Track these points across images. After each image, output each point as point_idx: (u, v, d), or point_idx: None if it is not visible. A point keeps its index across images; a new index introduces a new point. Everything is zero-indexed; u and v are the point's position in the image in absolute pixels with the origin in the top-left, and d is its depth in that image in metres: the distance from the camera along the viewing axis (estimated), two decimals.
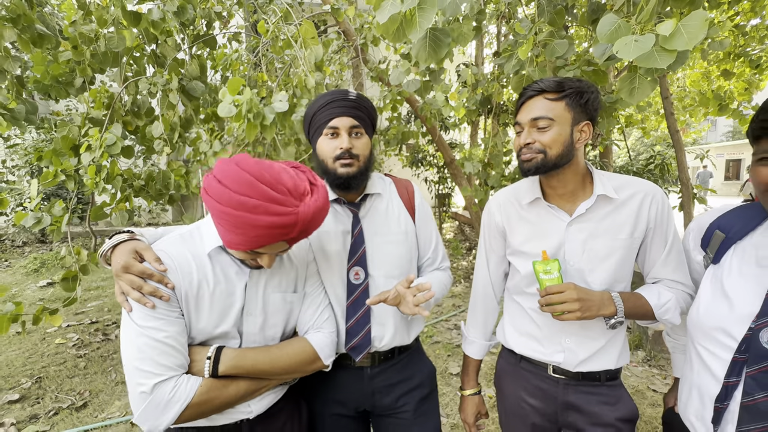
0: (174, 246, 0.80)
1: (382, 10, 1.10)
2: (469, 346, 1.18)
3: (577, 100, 0.89)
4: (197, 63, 2.80)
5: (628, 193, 0.93)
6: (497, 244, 1.09)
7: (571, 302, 0.84)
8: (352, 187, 1.00)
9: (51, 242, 7.33)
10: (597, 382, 0.96)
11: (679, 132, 4.16)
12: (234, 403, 0.79)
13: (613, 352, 0.96)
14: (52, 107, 7.43)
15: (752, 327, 0.71)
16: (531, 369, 1.03)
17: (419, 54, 1.25)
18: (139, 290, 0.73)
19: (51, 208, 2.63)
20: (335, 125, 0.97)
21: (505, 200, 1.07)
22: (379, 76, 3.06)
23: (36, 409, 2.30)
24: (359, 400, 1.04)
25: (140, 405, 0.71)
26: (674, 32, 1.00)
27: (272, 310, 0.87)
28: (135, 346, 0.72)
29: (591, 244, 0.94)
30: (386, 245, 1.05)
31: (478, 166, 2.43)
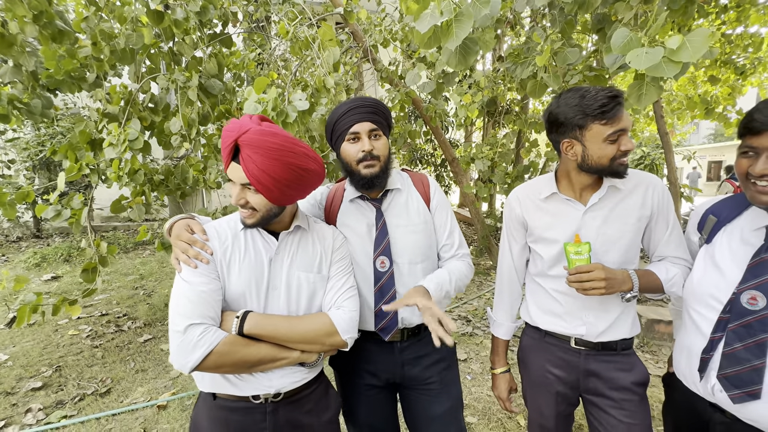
0: (220, 223, 0.98)
1: (422, 21, 1.22)
2: (498, 329, 1.28)
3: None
4: (215, 61, 2.87)
5: (633, 184, 1.06)
6: (519, 234, 1.21)
7: (599, 281, 0.95)
8: (375, 186, 1.11)
9: (49, 237, 7.25)
10: (614, 351, 1.09)
11: (668, 134, 4.38)
12: (253, 363, 0.87)
13: (626, 322, 1.10)
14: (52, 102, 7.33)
15: (735, 292, 0.86)
16: (555, 342, 1.15)
17: (450, 60, 1.37)
18: (186, 254, 0.89)
19: (70, 201, 2.69)
20: (356, 130, 1.07)
21: (524, 195, 1.19)
22: (389, 77, 3.18)
23: (60, 395, 2.37)
24: (390, 371, 1.15)
25: (174, 343, 0.83)
26: (681, 46, 1.15)
27: (295, 287, 0.95)
28: (180, 294, 0.86)
29: (604, 229, 1.06)
30: (408, 235, 1.15)
31: (487, 163, 2.57)
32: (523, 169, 2.95)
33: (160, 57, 2.97)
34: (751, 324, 0.83)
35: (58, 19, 2.67)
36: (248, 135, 0.84)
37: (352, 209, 1.18)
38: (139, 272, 5.05)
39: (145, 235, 2.81)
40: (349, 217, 1.17)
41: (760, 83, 5.64)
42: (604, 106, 0.95)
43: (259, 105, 2.05)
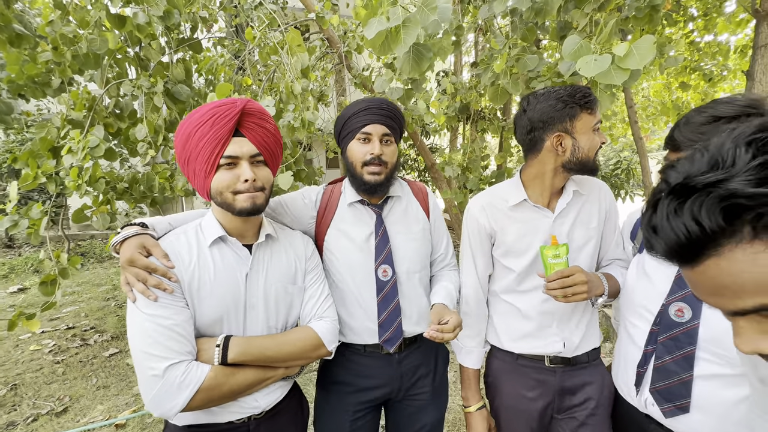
0: (178, 239, 0.85)
1: (370, 27, 1.20)
2: (467, 357, 1.15)
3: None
4: (182, 67, 2.81)
5: (588, 188, 1.07)
6: (485, 247, 1.12)
7: (581, 284, 0.89)
8: (377, 193, 1.07)
9: (19, 247, 7.01)
10: (585, 363, 1.06)
11: (642, 139, 4.46)
12: (242, 391, 0.81)
13: (595, 330, 1.09)
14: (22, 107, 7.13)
15: (664, 303, 0.85)
16: (529, 364, 1.08)
17: (403, 67, 1.35)
18: (143, 282, 0.76)
19: (29, 211, 2.58)
20: (369, 131, 1.03)
21: (488, 204, 1.10)
22: (363, 82, 3.16)
23: (13, 416, 2.25)
24: (390, 384, 1.10)
25: (152, 389, 0.73)
26: (627, 53, 1.15)
27: (273, 302, 0.90)
28: (143, 332, 0.75)
29: (572, 235, 1.04)
30: (408, 242, 1.12)
31: (458, 170, 2.56)
32: (498, 175, 2.95)
33: (126, 62, 2.90)
34: (677, 336, 0.82)
35: (16, 22, 2.58)
36: (250, 104, 0.83)
37: (351, 214, 1.11)
38: (112, 282, 4.90)
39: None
40: (347, 222, 1.11)
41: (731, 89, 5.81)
42: (588, 95, 0.95)
43: None
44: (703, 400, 0.79)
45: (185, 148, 0.82)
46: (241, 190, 0.82)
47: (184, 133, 0.81)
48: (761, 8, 2.70)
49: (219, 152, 0.80)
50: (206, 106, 0.80)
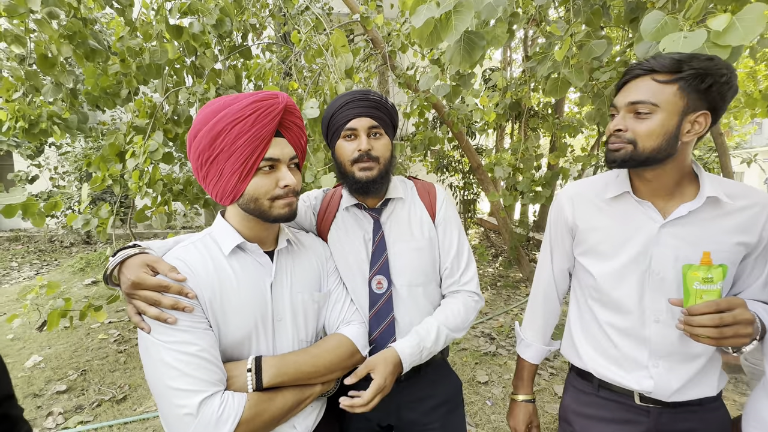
0: (188, 252, 0.75)
1: (418, 15, 1.11)
2: (525, 350, 1.07)
3: (695, 85, 0.73)
4: (233, 73, 2.92)
5: (743, 202, 0.79)
6: (564, 241, 0.99)
7: (745, 324, 0.66)
8: (371, 192, 0.96)
9: (95, 243, 7.79)
10: (696, 406, 0.83)
11: (722, 135, 3.94)
12: (283, 416, 0.74)
13: (712, 376, 0.83)
14: (99, 118, 7.94)
15: None
16: (613, 398, 0.89)
17: (453, 57, 1.25)
18: (156, 306, 0.65)
19: (98, 210, 2.80)
20: (353, 126, 0.92)
21: (579, 193, 0.95)
22: (407, 82, 3.09)
23: (81, 400, 2.43)
24: (383, 416, 1.00)
25: (185, 430, 0.64)
26: (728, 26, 0.96)
27: (301, 312, 0.83)
28: (166, 365, 0.64)
29: (686, 252, 0.79)
30: (409, 252, 0.99)
31: (508, 170, 2.39)
32: (552, 176, 2.73)
33: (183, 71, 3.07)
34: None
35: (91, 39, 2.83)
36: (290, 100, 0.76)
37: (347, 219, 1.02)
38: None
39: None
40: (344, 227, 1.01)
41: None
42: (624, 74, 0.84)
43: None
44: None
45: (213, 145, 0.71)
46: (280, 196, 0.75)
47: (214, 128, 0.70)
48: None
49: (260, 154, 0.72)
50: (244, 99, 0.71)
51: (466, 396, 2.44)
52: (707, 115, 0.76)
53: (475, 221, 7.83)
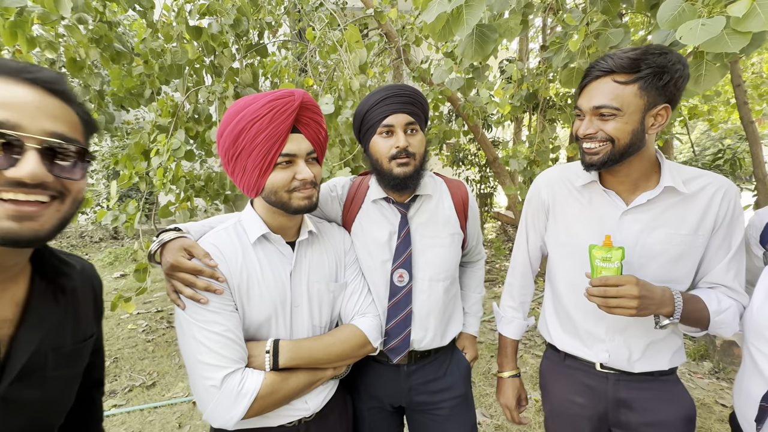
0: (222, 239, 0.81)
1: (429, 11, 1.12)
2: (506, 326, 1.14)
3: (653, 83, 0.77)
4: (250, 71, 2.99)
5: (698, 186, 0.85)
6: (539, 222, 1.05)
7: (630, 298, 0.75)
8: (407, 187, 0.97)
9: (123, 238, 8.12)
10: (650, 377, 0.91)
11: (754, 123, 3.76)
12: (295, 395, 0.80)
13: (665, 351, 0.90)
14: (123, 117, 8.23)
15: None
16: (577, 366, 0.99)
17: (465, 51, 1.26)
18: (191, 287, 0.73)
19: (126, 207, 2.93)
20: (390, 123, 0.94)
21: (556, 179, 1.01)
22: (421, 75, 3.08)
23: (114, 385, 2.58)
24: (395, 396, 1.05)
25: (210, 399, 0.72)
26: (749, 12, 0.93)
27: (317, 301, 0.88)
28: (196, 341, 0.73)
29: (645, 237, 0.87)
30: (434, 248, 1.02)
31: (524, 163, 2.37)
32: None
33: (203, 70, 3.16)
34: None
35: (116, 42, 2.94)
36: (306, 96, 0.79)
37: (374, 211, 1.04)
38: None
39: None
40: (370, 219, 1.03)
41: None
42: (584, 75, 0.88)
43: None
44: None
45: (236, 143, 0.76)
46: (297, 188, 0.79)
47: (235, 128, 0.76)
48: None
49: (277, 150, 0.76)
50: (262, 98, 0.75)
51: (481, 388, 2.46)
52: (668, 107, 0.80)
53: (491, 215, 7.75)
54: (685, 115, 4.78)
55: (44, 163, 0.47)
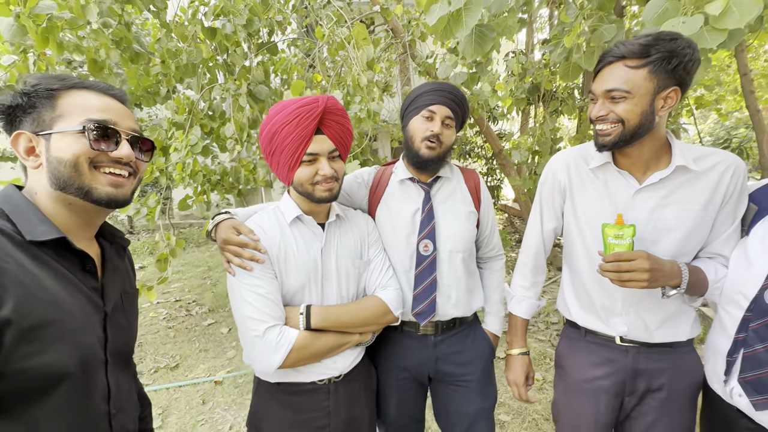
0: (264, 219, 0.97)
1: (431, 13, 1.22)
2: (517, 305, 1.19)
3: (663, 66, 0.81)
4: (262, 69, 3.11)
5: (709, 164, 0.89)
6: (556, 203, 1.09)
7: (641, 271, 0.81)
8: (428, 168, 1.12)
9: (139, 233, 8.38)
10: (669, 347, 0.96)
11: (760, 112, 3.76)
12: (325, 353, 0.93)
13: (684, 323, 0.95)
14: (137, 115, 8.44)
15: (761, 288, 0.76)
16: (598, 341, 1.02)
17: (465, 50, 1.35)
18: (239, 257, 0.89)
19: (147, 200, 3.09)
20: (434, 110, 1.08)
21: (571, 160, 1.05)
22: (427, 70, 3.16)
23: (140, 367, 2.76)
24: (423, 366, 1.15)
25: (254, 348, 0.86)
26: (725, 11, 1.01)
27: (344, 274, 1.00)
28: (244, 300, 0.87)
29: (658, 213, 0.91)
30: (454, 223, 1.15)
31: (527, 154, 2.45)
32: None
33: (216, 69, 3.29)
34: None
35: (135, 43, 3.08)
36: (331, 101, 0.92)
37: (400, 190, 1.18)
38: (207, 264, 5.64)
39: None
40: (395, 198, 1.17)
41: None
42: (598, 61, 0.92)
43: None
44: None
45: (271, 143, 0.92)
46: (319, 182, 0.93)
47: (270, 130, 0.91)
48: None
49: (302, 150, 0.90)
50: (291, 105, 0.89)
51: None
52: (677, 90, 0.84)
53: (499, 207, 7.80)
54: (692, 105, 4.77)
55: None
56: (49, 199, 0.63)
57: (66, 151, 0.61)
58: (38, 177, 0.63)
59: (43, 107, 0.62)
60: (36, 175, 0.63)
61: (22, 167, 0.65)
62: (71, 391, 0.56)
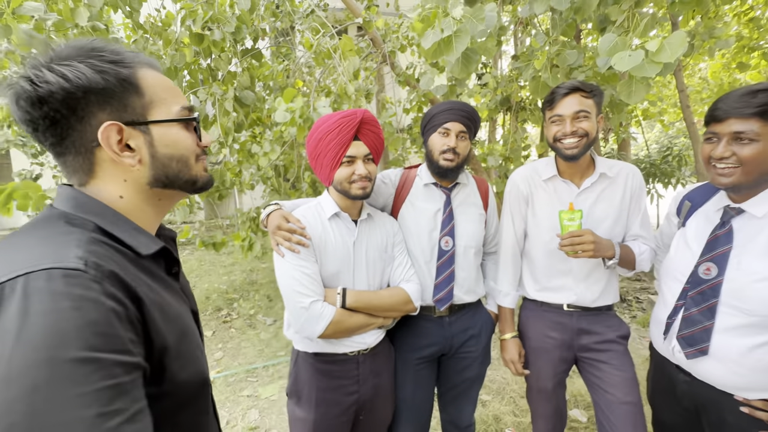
0: (308, 212, 1.14)
1: (426, 38, 1.41)
2: (505, 299, 1.40)
3: (597, 99, 1.17)
4: (248, 75, 3.17)
5: (618, 171, 1.25)
6: (522, 209, 1.37)
7: (588, 243, 1.10)
8: (447, 176, 1.30)
9: None
10: (598, 311, 1.28)
11: (695, 124, 4.29)
12: (355, 329, 1.09)
13: (611, 292, 1.28)
14: None
15: (696, 264, 1.00)
16: (550, 309, 1.32)
17: (454, 69, 1.55)
18: (288, 241, 1.05)
19: None
20: (448, 127, 1.25)
21: (528, 175, 1.36)
22: (407, 80, 3.37)
23: None
24: (441, 343, 1.32)
25: (301, 317, 1.02)
26: (660, 48, 1.27)
27: (372, 266, 1.16)
28: (291, 277, 1.03)
29: (593, 209, 1.24)
30: (468, 222, 1.34)
31: (499, 160, 2.70)
32: None
33: (198, 73, 3.31)
34: (704, 291, 0.96)
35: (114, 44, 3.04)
36: (367, 114, 1.09)
37: (425, 193, 1.35)
38: (190, 267, 5.51)
39: (186, 234, 3.14)
40: (420, 199, 1.34)
41: None
42: (551, 94, 1.21)
43: (288, 113, 2.30)
44: (720, 346, 0.93)
45: (317, 147, 1.09)
46: (356, 180, 1.09)
47: (317, 137, 1.08)
48: None
49: (342, 153, 1.07)
50: (334, 117, 1.07)
51: None
52: (602, 117, 1.21)
53: None
54: (640, 116, 5.33)
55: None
56: (138, 200, 0.56)
57: (178, 146, 0.56)
58: (127, 176, 0.54)
59: (126, 91, 0.52)
60: (124, 175, 0.54)
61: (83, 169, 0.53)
62: (208, 391, 0.60)
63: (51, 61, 0.49)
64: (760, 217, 0.92)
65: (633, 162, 5.76)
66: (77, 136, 0.51)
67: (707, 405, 0.98)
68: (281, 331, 3.41)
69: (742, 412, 0.91)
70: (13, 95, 0.48)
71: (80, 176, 0.54)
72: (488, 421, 2.04)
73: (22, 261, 0.42)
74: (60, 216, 0.50)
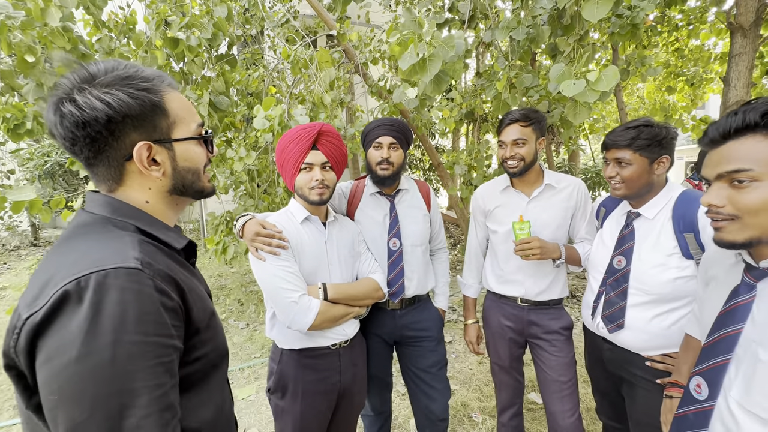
0: (281, 218, 1.23)
1: (403, 60, 1.58)
2: (468, 289, 1.67)
3: (537, 126, 1.38)
4: (223, 80, 3.19)
5: (564, 184, 1.46)
6: (482, 219, 1.61)
7: (536, 249, 1.32)
8: (386, 184, 1.45)
9: (44, 246, 7.41)
10: (547, 306, 1.49)
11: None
12: (338, 319, 1.19)
13: (557, 287, 1.49)
14: None
15: (611, 257, 1.24)
16: (506, 302, 1.54)
17: (427, 88, 1.74)
18: (268, 245, 1.14)
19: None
20: (380, 141, 1.41)
21: (488, 190, 1.59)
22: (379, 91, 3.54)
23: None
24: (392, 333, 1.49)
25: (291, 311, 1.10)
26: (597, 79, 1.53)
27: (344, 262, 1.29)
28: (276, 276, 1.11)
29: (541, 215, 1.44)
30: (413, 224, 1.50)
31: (465, 168, 2.94)
32: (501, 172, 3.33)
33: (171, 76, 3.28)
34: (618, 278, 1.21)
35: (80, 44, 2.96)
36: (325, 127, 1.21)
37: (372, 201, 1.50)
38: None
39: None
40: (369, 207, 1.49)
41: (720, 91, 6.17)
42: (500, 122, 1.44)
43: (267, 121, 2.38)
44: (631, 319, 1.17)
45: (281, 155, 1.21)
46: (314, 187, 1.20)
47: (281, 146, 1.20)
48: (735, 21, 3.05)
49: (301, 160, 1.19)
50: (297, 128, 1.20)
51: None
52: (544, 139, 1.44)
53: None
54: (587, 129, 5.88)
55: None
56: (162, 205, 0.65)
57: (194, 160, 0.65)
58: (151, 184, 0.62)
59: (156, 114, 0.59)
60: (149, 184, 0.62)
61: (113, 178, 0.60)
62: (227, 361, 0.68)
63: (92, 86, 0.55)
64: (651, 219, 1.18)
65: (581, 171, 6.33)
66: (112, 152, 0.58)
67: (624, 365, 1.22)
68: (255, 334, 3.41)
69: (647, 366, 1.16)
70: (60, 117, 0.55)
71: (110, 184, 0.61)
72: (457, 407, 2.22)
73: (89, 261, 0.50)
74: (104, 221, 0.58)
